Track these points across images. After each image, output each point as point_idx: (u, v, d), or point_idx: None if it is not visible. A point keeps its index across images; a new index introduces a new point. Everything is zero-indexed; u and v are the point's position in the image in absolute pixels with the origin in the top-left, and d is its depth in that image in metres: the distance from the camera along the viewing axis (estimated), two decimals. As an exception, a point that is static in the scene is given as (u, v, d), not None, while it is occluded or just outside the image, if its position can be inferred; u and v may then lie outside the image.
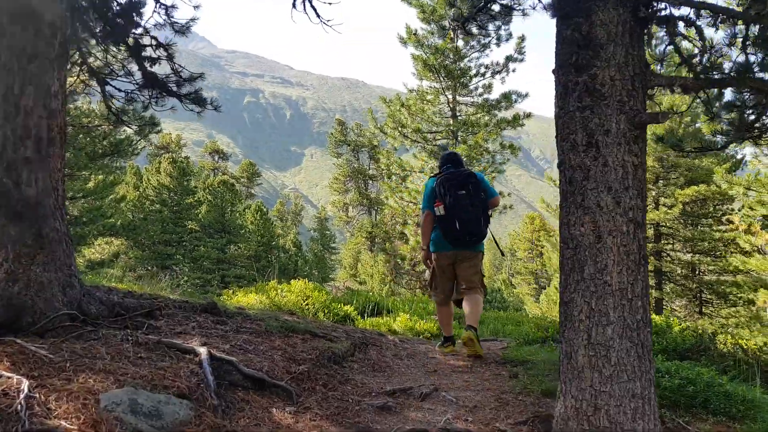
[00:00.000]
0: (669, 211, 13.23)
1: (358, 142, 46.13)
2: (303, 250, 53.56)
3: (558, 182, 2.85)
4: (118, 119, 6.00)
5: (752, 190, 11.42)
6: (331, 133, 49.59)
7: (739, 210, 14.20)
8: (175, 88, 5.35)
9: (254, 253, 38.03)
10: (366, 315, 7.71)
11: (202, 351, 3.26)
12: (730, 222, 11.56)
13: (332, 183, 48.91)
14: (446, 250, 5.08)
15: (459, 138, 13.87)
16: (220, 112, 5.77)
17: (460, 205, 4.88)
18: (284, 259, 39.57)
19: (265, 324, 4.51)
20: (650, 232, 14.84)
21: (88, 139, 16.25)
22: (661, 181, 14.59)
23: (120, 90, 5.66)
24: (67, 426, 2.23)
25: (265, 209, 39.75)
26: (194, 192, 39.56)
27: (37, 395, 2.35)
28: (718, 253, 14.94)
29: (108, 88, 5.57)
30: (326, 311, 7.14)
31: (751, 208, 11.79)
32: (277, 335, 4.31)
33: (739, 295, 13.79)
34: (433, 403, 3.67)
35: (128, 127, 6.55)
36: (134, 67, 5.42)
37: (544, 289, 57.90)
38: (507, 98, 14.85)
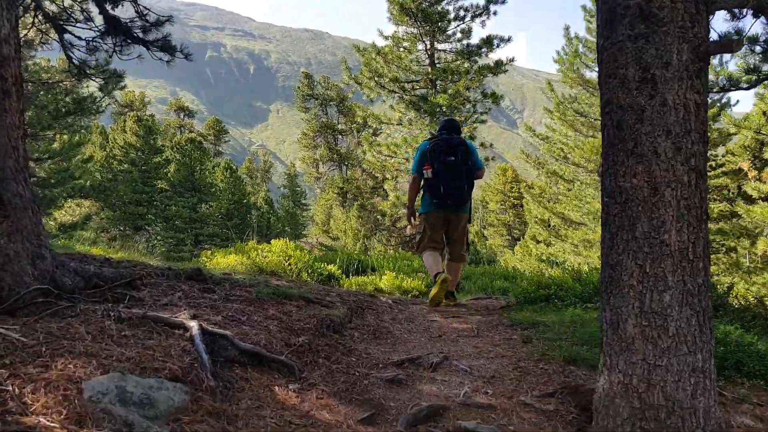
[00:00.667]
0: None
1: (326, 95, 45.01)
2: (275, 207, 52.91)
3: (534, 132, 2.45)
4: (81, 72, 5.36)
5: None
6: (298, 87, 48.24)
7: (723, 156, 14.24)
8: (140, 35, 4.74)
9: (226, 212, 37.30)
10: (350, 274, 7.37)
11: (193, 325, 2.86)
12: (741, 170, 11.45)
13: (301, 139, 47.91)
14: (434, 211, 5.38)
15: (438, 87, 13.31)
16: (191, 62, 5.18)
17: (447, 171, 5.15)
18: (257, 217, 38.93)
19: (256, 291, 4.11)
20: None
21: (50, 96, 15.27)
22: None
23: (80, 38, 5.03)
24: (47, 423, 1.82)
25: (234, 167, 38.81)
26: (162, 151, 38.35)
27: (10, 387, 1.93)
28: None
29: (67, 36, 4.94)
30: (309, 271, 6.77)
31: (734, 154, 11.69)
32: (270, 303, 3.93)
33: (722, 243, 13.89)
34: (446, 373, 3.36)
35: (92, 80, 5.90)
36: (94, 11, 4.78)
37: (518, 240, 58.63)
38: (488, 43, 14.00)
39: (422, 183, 5.43)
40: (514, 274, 8.94)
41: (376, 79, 13.65)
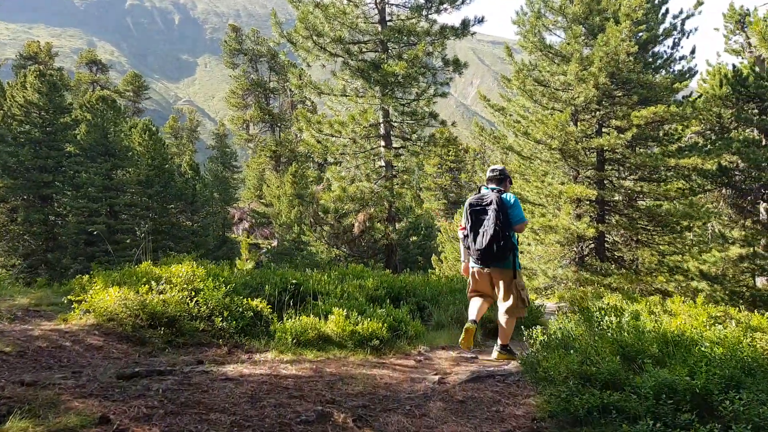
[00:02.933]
0: (621, 136, 11.78)
1: (257, 51, 41.71)
2: (201, 172, 49.59)
3: None
4: None
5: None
6: (225, 41, 44.48)
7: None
8: None
9: (145, 179, 34.11)
10: (284, 307, 5.55)
11: None
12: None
13: (229, 97, 44.48)
14: (477, 266, 5.38)
15: (391, 51, 11.21)
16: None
17: (477, 229, 5.18)
18: (180, 184, 35.94)
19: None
20: (593, 158, 13.48)
21: None
22: (605, 101, 13.10)
23: None
24: None
25: (154, 128, 35.40)
26: (69, 110, 34.45)
27: None
28: (662, 178, 13.92)
29: None
30: (226, 312, 4.90)
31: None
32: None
33: (677, 222, 13.02)
34: None
35: None
36: None
37: (455, 204, 58.19)
38: (450, -4, 11.76)
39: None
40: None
41: (314, 38, 11.33)
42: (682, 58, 15.23)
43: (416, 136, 10.93)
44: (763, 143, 16.52)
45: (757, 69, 16.56)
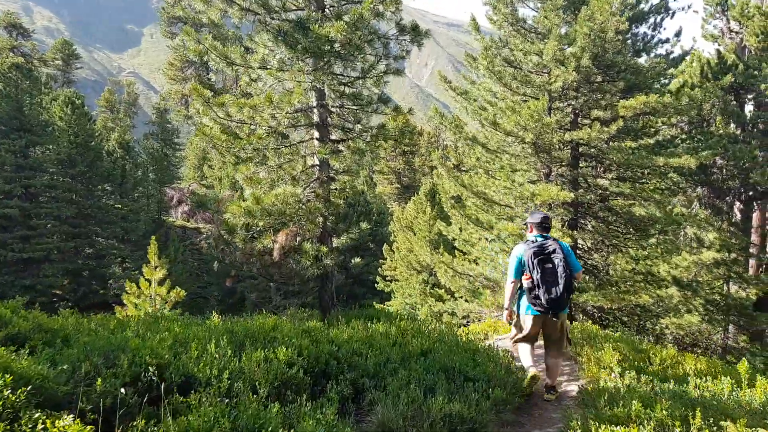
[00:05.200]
0: (605, 129, 9.92)
1: (197, 19, 38.23)
2: (136, 149, 45.86)
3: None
4: None
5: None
6: (162, 8, 40.69)
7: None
8: None
9: (67, 157, 30.66)
10: (128, 417, 3.32)
11: None
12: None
13: (167, 69, 40.84)
14: (533, 313, 5.32)
15: (328, 11, 8.55)
16: None
17: (547, 281, 5.16)
18: (108, 164, 32.60)
19: None
20: (566, 154, 11.61)
21: None
22: (583, 88, 11.21)
23: None
24: None
25: (78, 101, 31.74)
26: (-28, 78, 30.58)
27: None
28: (637, 177, 12.29)
29: None
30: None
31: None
32: None
33: (659, 225, 11.44)
34: None
35: None
36: None
37: (407, 188, 56.39)
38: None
39: (519, 286, 5.44)
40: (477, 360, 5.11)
41: (232, -9, 8.62)
42: (665, 41, 13.53)
43: (361, 127, 8.14)
44: (741, 138, 15.13)
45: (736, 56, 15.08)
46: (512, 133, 10.39)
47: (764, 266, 16.49)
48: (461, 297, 12.00)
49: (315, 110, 8.01)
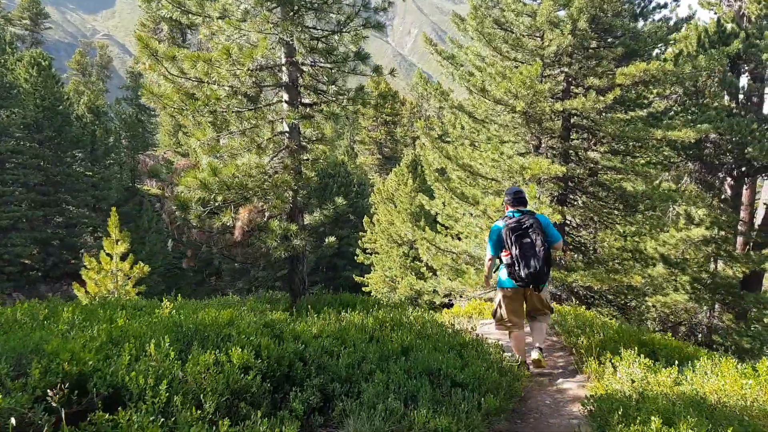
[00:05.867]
0: (600, 98, 9.23)
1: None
2: (109, 114, 44.23)
3: None
4: None
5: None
6: (135, -36, 38.66)
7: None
8: None
9: (33, 122, 29.23)
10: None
11: None
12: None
13: (139, 30, 38.99)
14: (512, 286, 5.37)
15: None
16: None
17: (526, 255, 5.18)
18: (77, 129, 31.18)
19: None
20: (557, 125, 10.92)
21: None
22: (577, 54, 10.46)
23: None
24: None
25: (45, 62, 30.14)
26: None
27: None
28: (629, 150, 11.71)
29: None
30: None
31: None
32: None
33: (649, 203, 10.91)
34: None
35: None
36: None
37: (389, 159, 55.53)
38: None
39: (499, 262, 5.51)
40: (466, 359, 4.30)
41: None
42: (663, 6, 12.81)
43: (336, 88, 7.07)
44: (736, 112, 14.57)
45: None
46: (502, 101, 9.65)
47: (751, 244, 16.15)
48: (444, 275, 11.39)
49: (284, 69, 7.07)
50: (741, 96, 14.94)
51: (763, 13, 13.62)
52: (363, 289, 28.21)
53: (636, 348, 4.98)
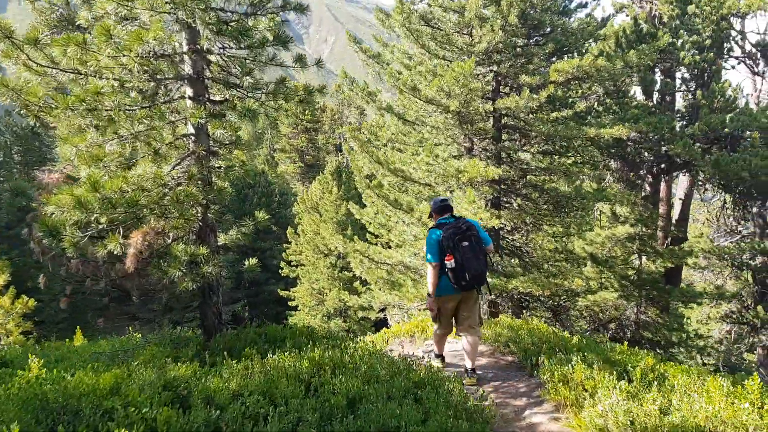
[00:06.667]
0: (534, 96, 8.82)
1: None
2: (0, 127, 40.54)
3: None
4: None
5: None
6: (23, -37, 35.47)
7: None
8: None
9: None
10: None
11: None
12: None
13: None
14: (452, 293, 5.50)
15: None
16: None
17: (467, 258, 5.28)
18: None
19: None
20: (489, 126, 10.47)
21: None
22: (506, 51, 10.05)
23: None
24: None
25: None
26: None
27: None
28: (559, 150, 11.50)
29: None
30: None
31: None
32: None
33: (583, 202, 10.72)
34: None
35: None
36: None
37: (311, 167, 54.35)
38: None
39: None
40: None
41: None
42: (583, 5, 12.71)
43: (252, 80, 5.77)
44: (654, 110, 14.83)
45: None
46: (434, 101, 9.03)
47: (670, 239, 16.56)
48: (379, 288, 10.64)
49: (186, 57, 5.94)
50: (656, 95, 15.27)
51: (676, 13, 13.90)
52: (289, 303, 27.00)
53: (609, 370, 4.40)
